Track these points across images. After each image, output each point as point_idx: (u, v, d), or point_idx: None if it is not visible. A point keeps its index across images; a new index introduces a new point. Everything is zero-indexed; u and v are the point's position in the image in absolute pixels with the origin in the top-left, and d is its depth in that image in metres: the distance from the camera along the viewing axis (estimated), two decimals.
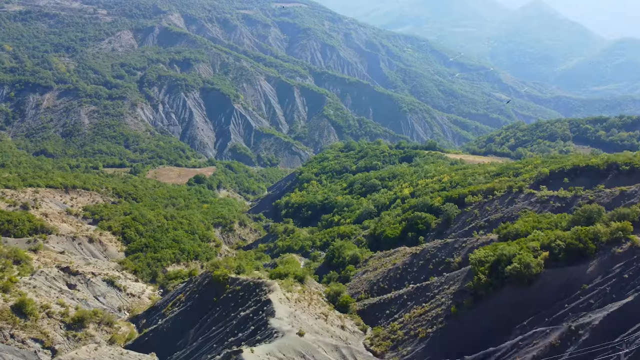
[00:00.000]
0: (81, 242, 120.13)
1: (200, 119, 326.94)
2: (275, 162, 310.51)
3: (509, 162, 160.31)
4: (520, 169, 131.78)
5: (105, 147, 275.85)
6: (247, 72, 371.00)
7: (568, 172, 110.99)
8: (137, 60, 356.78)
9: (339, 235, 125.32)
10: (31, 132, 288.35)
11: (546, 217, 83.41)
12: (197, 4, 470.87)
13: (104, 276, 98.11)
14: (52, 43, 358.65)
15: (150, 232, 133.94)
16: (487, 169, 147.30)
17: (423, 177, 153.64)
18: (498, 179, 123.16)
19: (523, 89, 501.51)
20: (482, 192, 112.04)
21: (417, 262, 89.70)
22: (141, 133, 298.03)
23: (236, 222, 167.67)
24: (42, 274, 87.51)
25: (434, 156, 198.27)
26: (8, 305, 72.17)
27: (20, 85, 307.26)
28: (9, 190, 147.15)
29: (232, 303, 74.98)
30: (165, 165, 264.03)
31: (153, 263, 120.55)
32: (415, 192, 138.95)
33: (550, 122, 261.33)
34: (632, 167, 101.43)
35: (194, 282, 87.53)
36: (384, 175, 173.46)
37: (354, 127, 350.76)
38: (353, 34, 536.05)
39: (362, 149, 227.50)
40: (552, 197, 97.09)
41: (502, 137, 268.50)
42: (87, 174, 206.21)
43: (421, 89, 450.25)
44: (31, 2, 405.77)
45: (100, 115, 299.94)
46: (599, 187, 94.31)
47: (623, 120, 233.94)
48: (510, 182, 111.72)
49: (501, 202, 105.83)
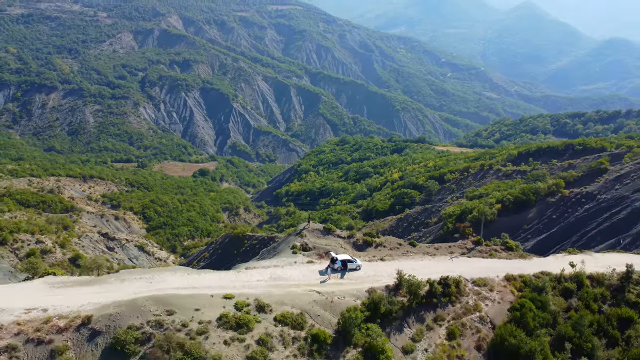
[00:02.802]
0: (108, 220, 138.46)
1: (200, 117, 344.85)
2: (273, 159, 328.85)
3: (488, 150, 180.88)
4: (496, 154, 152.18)
5: (110, 144, 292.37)
6: (245, 72, 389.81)
7: (533, 152, 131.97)
8: (138, 61, 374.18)
9: (337, 212, 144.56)
10: (38, 131, 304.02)
11: (504, 183, 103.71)
12: (194, 6, 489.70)
13: (135, 242, 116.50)
14: (55, 45, 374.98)
15: (167, 212, 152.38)
16: (468, 155, 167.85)
17: (411, 164, 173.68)
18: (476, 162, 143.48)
19: (513, 88, 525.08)
20: (459, 170, 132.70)
21: (401, 224, 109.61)
22: (144, 131, 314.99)
23: (241, 207, 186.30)
24: (87, 237, 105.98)
25: (422, 147, 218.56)
26: (66, 257, 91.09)
27: (26, 86, 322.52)
28: (34, 178, 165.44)
29: (250, 254, 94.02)
30: (170, 161, 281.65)
31: (172, 238, 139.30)
32: (404, 175, 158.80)
33: (533, 117, 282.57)
34: (584, 147, 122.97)
35: (216, 242, 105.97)
36: (376, 163, 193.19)
37: (349, 125, 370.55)
38: (347, 35, 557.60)
39: (357, 142, 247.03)
40: (515, 171, 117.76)
41: (488, 131, 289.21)
42: (100, 165, 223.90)
43: (414, 88, 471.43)
44: (33, 5, 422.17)
45: (105, 114, 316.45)
46: (552, 162, 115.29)
47: (599, 115, 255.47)
48: (483, 162, 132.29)
49: (474, 178, 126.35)
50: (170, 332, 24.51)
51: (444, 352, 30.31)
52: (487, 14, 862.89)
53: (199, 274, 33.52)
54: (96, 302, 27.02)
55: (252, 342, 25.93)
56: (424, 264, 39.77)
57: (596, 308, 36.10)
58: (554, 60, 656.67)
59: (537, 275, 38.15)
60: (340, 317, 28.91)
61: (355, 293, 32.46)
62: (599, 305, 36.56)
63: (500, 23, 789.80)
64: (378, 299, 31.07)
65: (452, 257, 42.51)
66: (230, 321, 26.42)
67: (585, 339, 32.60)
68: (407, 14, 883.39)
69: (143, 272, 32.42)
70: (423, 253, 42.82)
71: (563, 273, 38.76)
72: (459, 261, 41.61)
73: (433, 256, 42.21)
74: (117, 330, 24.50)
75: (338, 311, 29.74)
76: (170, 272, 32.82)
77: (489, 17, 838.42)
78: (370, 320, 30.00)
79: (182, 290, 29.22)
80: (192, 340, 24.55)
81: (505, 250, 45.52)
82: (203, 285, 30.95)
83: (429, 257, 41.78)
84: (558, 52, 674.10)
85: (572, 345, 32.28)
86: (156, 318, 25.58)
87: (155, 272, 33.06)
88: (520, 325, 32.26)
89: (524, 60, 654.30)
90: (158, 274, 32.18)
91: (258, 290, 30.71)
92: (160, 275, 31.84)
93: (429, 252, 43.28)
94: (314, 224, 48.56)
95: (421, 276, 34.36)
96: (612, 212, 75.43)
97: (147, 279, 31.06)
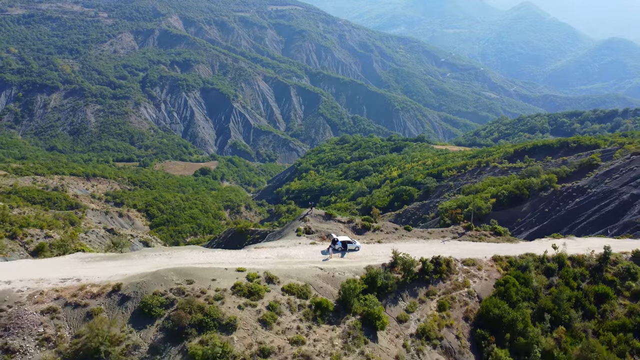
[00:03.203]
0: (112, 216, 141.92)
1: (201, 117, 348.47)
2: (273, 158, 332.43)
3: (485, 148, 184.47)
4: (493, 152, 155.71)
5: (111, 143, 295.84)
6: (245, 72, 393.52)
7: (529, 150, 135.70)
8: (138, 61, 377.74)
9: (336, 209, 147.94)
10: (40, 130, 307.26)
11: (500, 179, 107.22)
12: (194, 6, 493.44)
13: (140, 238, 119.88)
14: (56, 45, 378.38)
15: (169, 210, 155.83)
16: (466, 153, 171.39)
17: (410, 162, 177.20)
18: (473, 159, 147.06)
19: (512, 88, 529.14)
20: (457, 168, 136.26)
21: (400, 219, 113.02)
22: (145, 131, 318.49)
23: (243, 205, 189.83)
24: (94, 232, 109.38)
25: (421, 146, 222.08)
26: None
27: (28, 86, 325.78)
28: (38, 176, 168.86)
29: (253, 247, 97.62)
30: (171, 160, 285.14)
31: (175, 234, 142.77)
32: (403, 173, 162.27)
33: (531, 117, 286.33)
34: (578, 144, 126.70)
35: (219, 237, 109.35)
36: (375, 162, 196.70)
37: (349, 125, 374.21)
38: (347, 35, 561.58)
39: (356, 141, 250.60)
40: (510, 167, 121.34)
41: (487, 130, 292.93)
42: (103, 164, 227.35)
43: (413, 88, 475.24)
44: (33, 6, 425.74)
45: (106, 114, 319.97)
46: (547, 158, 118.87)
47: (596, 114, 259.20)
48: (480, 159, 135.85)
49: (471, 174, 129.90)
50: (190, 297, 27.91)
51: (435, 321, 33.71)
52: (487, 15, 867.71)
53: (213, 252, 36.95)
54: (123, 273, 30.45)
55: (263, 307, 29.35)
56: (417, 246, 43.18)
57: (575, 285, 39.53)
58: (553, 60, 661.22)
59: (522, 256, 41.58)
60: (341, 288, 32.33)
61: (354, 269, 35.84)
62: (578, 283, 39.99)
63: (499, 23, 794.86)
64: (375, 273, 34.51)
65: (443, 241, 45.96)
66: (243, 289, 29.86)
67: (564, 311, 36.03)
68: (407, 14, 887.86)
69: (162, 250, 35.81)
70: (417, 237, 46.31)
71: (546, 254, 42.21)
72: (450, 244, 45.07)
73: (426, 240, 45.68)
74: (144, 296, 27.88)
75: (339, 284, 33.12)
76: (187, 250, 36.27)
77: (489, 18, 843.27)
78: (368, 293, 33.40)
79: (198, 265, 32.65)
80: (210, 304, 27.94)
81: (493, 235, 48.99)
82: (217, 261, 34.37)
83: (423, 240, 45.26)
84: (557, 52, 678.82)
85: (551, 317, 35.69)
86: (178, 286, 28.99)
87: (173, 250, 36.45)
88: (504, 298, 35.66)
89: (523, 60, 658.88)
90: (176, 252, 35.65)
91: (267, 266, 34.12)
92: (178, 252, 35.31)
93: (423, 236, 46.76)
94: (316, 210, 52.12)
95: (415, 256, 37.78)
96: (601, 205, 78.99)
97: (167, 255, 34.48)
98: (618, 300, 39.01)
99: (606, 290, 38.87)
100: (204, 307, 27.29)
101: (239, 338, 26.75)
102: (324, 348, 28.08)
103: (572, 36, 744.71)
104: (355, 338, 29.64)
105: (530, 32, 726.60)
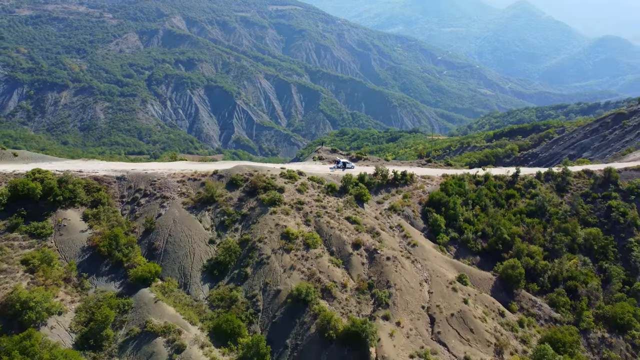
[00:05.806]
0: None
1: (205, 113, 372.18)
2: (275, 152, 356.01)
3: (471, 134, 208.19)
4: (476, 136, 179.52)
5: (121, 139, 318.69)
6: (247, 70, 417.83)
7: (507, 133, 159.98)
8: (144, 60, 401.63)
9: None
10: (52, 127, 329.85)
11: (476, 153, 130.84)
12: (197, 7, 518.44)
13: None
14: (63, 45, 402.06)
15: None
16: (453, 139, 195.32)
17: (403, 148, 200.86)
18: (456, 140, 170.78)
19: (507, 85, 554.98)
20: (443, 149, 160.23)
21: None
22: (152, 126, 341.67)
23: None
24: None
25: (415, 137, 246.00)
26: None
27: (39, 84, 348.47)
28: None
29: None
30: (179, 153, 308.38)
31: None
32: (397, 157, 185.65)
33: (520, 110, 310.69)
34: (547, 127, 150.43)
35: None
36: (373, 149, 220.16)
37: (348, 120, 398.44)
38: (346, 34, 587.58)
39: (355, 133, 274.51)
40: (487, 146, 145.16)
41: (479, 124, 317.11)
42: (117, 156, 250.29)
43: (410, 85, 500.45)
44: (40, 7, 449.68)
45: (114, 110, 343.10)
46: (518, 137, 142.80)
47: (580, 106, 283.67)
48: (463, 140, 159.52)
49: (455, 153, 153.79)
50: (259, 174, 50.91)
51: (400, 203, 56.70)
52: (483, 13, 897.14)
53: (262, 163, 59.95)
54: (215, 167, 53.54)
55: (298, 184, 52.48)
56: (394, 168, 66.23)
57: (494, 190, 62.61)
58: (548, 58, 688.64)
59: (461, 174, 64.66)
60: (342, 179, 55.40)
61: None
62: (497, 189, 63.07)
63: (496, 22, 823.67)
64: (363, 174, 57.66)
65: (411, 166, 69.20)
66: (286, 175, 53.11)
67: (483, 201, 59.09)
68: (405, 13, 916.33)
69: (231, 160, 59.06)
70: (393, 164, 69.50)
71: (478, 173, 65.38)
72: (415, 168, 68.21)
73: (400, 165, 68.84)
74: (232, 175, 50.87)
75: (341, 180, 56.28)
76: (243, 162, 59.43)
77: (485, 16, 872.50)
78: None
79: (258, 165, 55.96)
80: (269, 179, 51.01)
81: (446, 166, 72.21)
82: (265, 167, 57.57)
83: (397, 166, 68.44)
84: (552, 50, 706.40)
85: (475, 204, 58.75)
86: (249, 171, 52.04)
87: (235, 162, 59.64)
88: (444, 191, 58.63)
89: (518, 58, 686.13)
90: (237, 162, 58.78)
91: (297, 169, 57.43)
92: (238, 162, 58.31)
93: (397, 163, 69.87)
94: (325, 147, 75.22)
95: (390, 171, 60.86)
96: (547, 164, 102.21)
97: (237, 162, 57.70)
98: (522, 200, 61.97)
99: (513, 193, 61.90)
100: (266, 180, 50.40)
101: (286, 195, 49.93)
102: (332, 205, 51.17)
103: (567, 34, 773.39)
104: (350, 203, 52.84)
105: (526, 30, 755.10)
